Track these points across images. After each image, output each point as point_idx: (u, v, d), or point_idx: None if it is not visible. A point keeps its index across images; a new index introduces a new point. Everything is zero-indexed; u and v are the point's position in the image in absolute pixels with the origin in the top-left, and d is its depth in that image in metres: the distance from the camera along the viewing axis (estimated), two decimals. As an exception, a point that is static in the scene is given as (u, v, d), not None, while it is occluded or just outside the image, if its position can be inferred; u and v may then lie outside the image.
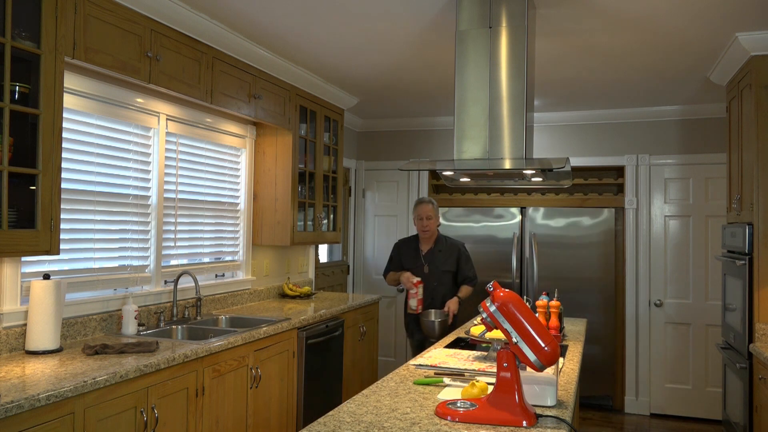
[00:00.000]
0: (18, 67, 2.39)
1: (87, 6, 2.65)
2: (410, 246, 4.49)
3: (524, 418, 1.77)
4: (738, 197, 3.86)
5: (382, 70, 4.42)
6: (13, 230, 2.33)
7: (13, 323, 2.69)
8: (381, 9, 3.22)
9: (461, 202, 5.96)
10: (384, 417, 1.84)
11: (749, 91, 3.58)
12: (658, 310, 5.43)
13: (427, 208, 4.35)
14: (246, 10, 3.29)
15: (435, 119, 6.11)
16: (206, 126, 3.98)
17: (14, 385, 2.15)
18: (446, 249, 4.40)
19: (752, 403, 3.46)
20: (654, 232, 5.47)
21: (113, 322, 3.22)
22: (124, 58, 2.88)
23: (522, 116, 2.87)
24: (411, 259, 4.43)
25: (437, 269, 4.35)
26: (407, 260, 4.44)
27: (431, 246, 4.41)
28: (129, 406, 2.47)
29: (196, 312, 3.73)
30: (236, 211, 4.40)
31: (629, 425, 5.18)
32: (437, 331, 4.08)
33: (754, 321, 3.50)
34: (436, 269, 4.35)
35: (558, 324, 3.02)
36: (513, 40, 2.89)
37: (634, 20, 3.30)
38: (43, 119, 2.44)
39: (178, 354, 2.73)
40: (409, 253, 4.46)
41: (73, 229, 3.04)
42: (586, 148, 5.70)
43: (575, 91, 4.89)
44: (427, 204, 4.38)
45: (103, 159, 3.20)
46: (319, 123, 4.84)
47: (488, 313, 1.88)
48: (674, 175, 5.44)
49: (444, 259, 4.37)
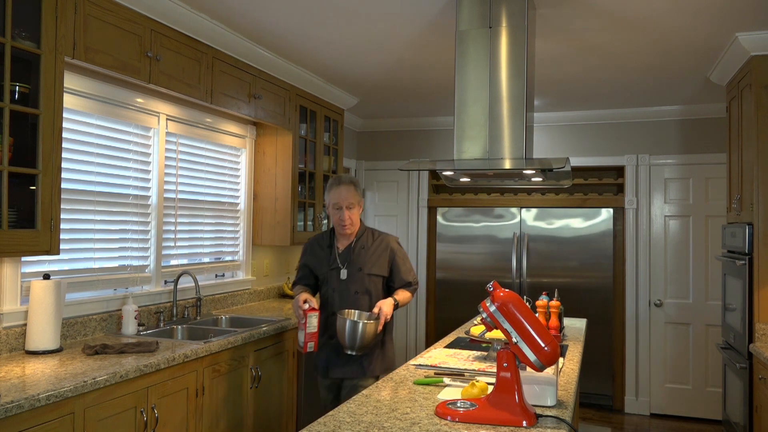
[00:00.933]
0: (18, 67, 2.39)
1: (87, 6, 2.65)
2: (322, 244, 3.16)
3: (524, 418, 1.77)
4: (738, 197, 3.86)
5: (382, 70, 4.42)
6: (13, 230, 2.33)
7: (13, 323, 2.69)
8: (381, 9, 3.22)
9: (461, 202, 5.96)
10: (384, 417, 1.84)
11: (749, 91, 3.58)
12: (658, 310, 5.43)
13: (348, 192, 3.00)
14: (246, 10, 3.29)
15: (435, 119, 6.10)
16: (206, 126, 3.98)
17: (14, 385, 2.15)
18: (374, 246, 3.09)
19: (752, 403, 3.46)
20: (654, 232, 5.47)
21: (113, 322, 3.22)
22: (124, 58, 2.88)
23: (522, 116, 2.87)
24: (322, 261, 3.11)
25: (360, 273, 3.03)
26: (317, 263, 3.12)
27: (351, 242, 3.09)
28: (129, 406, 2.47)
29: (196, 312, 3.73)
30: (236, 211, 4.40)
31: (629, 425, 5.17)
32: (360, 339, 2.80)
33: (754, 321, 3.50)
34: (358, 272, 3.03)
35: (558, 324, 3.02)
36: (513, 40, 2.89)
37: (634, 20, 3.30)
38: (43, 119, 2.44)
39: (178, 354, 2.73)
40: (319, 253, 3.14)
41: (73, 229, 3.04)
42: (586, 148, 5.70)
43: (575, 91, 4.89)
44: (347, 186, 3.02)
45: (103, 159, 3.20)
46: (319, 123, 4.84)
47: (488, 313, 1.88)
48: (674, 175, 5.44)
49: (371, 259, 3.06)
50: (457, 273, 5.91)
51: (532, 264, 5.66)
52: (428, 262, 6.11)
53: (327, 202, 3.06)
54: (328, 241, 3.14)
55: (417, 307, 6.12)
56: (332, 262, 3.08)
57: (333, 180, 3.08)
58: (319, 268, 3.12)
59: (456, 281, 5.91)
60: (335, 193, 3.01)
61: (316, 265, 3.13)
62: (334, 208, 3.01)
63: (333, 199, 3.01)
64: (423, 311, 6.10)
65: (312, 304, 2.88)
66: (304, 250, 3.22)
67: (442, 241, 5.98)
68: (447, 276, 5.96)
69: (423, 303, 6.11)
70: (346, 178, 3.07)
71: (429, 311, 6.11)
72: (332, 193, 3.02)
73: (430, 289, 6.10)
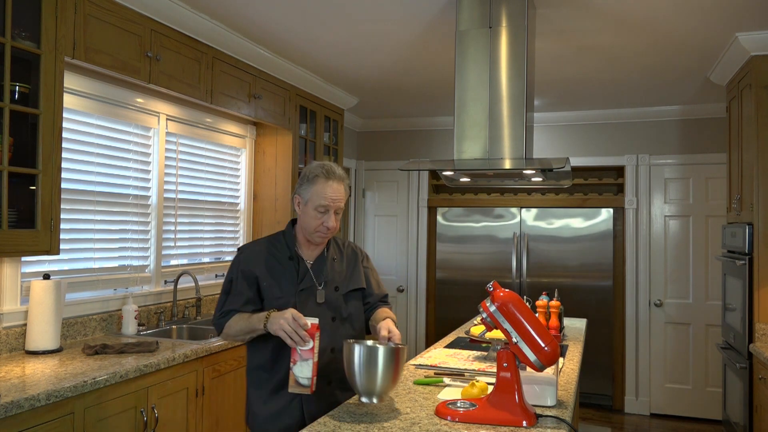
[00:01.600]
0: (18, 67, 2.39)
1: (87, 6, 2.65)
2: (277, 254, 2.20)
3: (524, 418, 1.77)
4: (738, 197, 3.86)
5: (382, 70, 4.42)
6: (13, 230, 2.33)
7: (13, 323, 2.69)
8: (381, 9, 3.22)
9: (461, 202, 5.96)
10: (384, 417, 1.84)
11: (749, 91, 3.58)
12: (658, 310, 5.43)
13: (341, 189, 2.16)
14: (246, 10, 3.29)
15: (435, 119, 6.10)
16: (206, 126, 3.98)
17: (14, 385, 2.15)
18: (344, 254, 2.32)
19: (752, 403, 3.46)
20: (654, 232, 5.47)
21: (113, 322, 3.22)
22: (124, 58, 2.88)
23: (522, 116, 2.87)
24: (284, 277, 2.17)
25: (335, 293, 2.22)
26: (275, 282, 2.15)
27: (322, 251, 2.25)
28: (129, 406, 2.47)
29: (196, 312, 3.73)
30: (236, 211, 4.40)
31: (629, 425, 5.17)
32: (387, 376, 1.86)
33: (754, 321, 3.50)
34: (334, 293, 2.22)
35: (558, 324, 3.02)
36: (513, 40, 2.89)
37: (634, 20, 3.30)
38: (43, 119, 2.44)
39: (178, 354, 2.73)
40: (276, 268, 2.17)
41: (73, 229, 3.04)
42: (586, 148, 5.70)
43: (575, 91, 4.89)
44: (339, 182, 2.16)
45: (103, 159, 3.20)
46: (319, 123, 4.84)
47: (488, 313, 1.88)
48: (674, 175, 5.44)
49: (346, 274, 2.27)
50: (457, 273, 5.91)
51: (532, 264, 5.66)
52: (428, 262, 6.11)
53: (305, 197, 2.14)
54: (287, 250, 2.19)
55: (417, 307, 6.12)
56: (302, 280, 2.16)
57: (318, 169, 2.15)
58: (277, 288, 2.13)
59: (456, 281, 5.91)
60: (325, 188, 2.12)
61: (271, 284, 2.13)
62: (316, 208, 2.12)
63: (319, 196, 2.12)
64: (423, 311, 6.10)
65: (314, 321, 1.96)
66: (244, 261, 2.16)
67: (442, 241, 5.98)
68: (447, 276, 5.96)
69: (423, 303, 6.11)
70: (337, 169, 2.17)
71: (429, 311, 6.11)
72: (318, 188, 2.12)
73: (430, 289, 6.10)
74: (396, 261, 6.20)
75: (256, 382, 2.16)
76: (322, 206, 2.12)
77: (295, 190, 2.21)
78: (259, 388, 2.14)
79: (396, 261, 6.20)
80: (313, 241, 2.20)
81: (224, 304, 2.15)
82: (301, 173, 2.22)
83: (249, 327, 2.05)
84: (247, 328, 2.06)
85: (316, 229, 2.15)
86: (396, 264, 6.20)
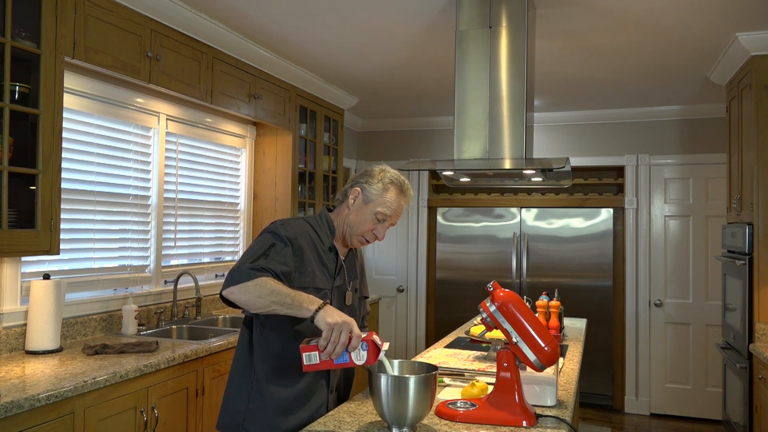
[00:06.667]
0: (18, 67, 2.39)
1: (87, 6, 2.65)
2: (320, 240, 2.03)
3: (524, 418, 1.77)
4: (738, 197, 3.86)
5: (382, 70, 4.42)
6: (13, 230, 2.33)
7: (13, 323, 2.69)
8: (381, 9, 3.22)
9: (461, 202, 5.96)
10: (384, 417, 1.84)
11: (749, 91, 3.58)
12: (658, 310, 5.43)
13: (403, 208, 2.09)
14: (246, 10, 3.29)
15: (435, 119, 6.10)
16: (206, 126, 3.98)
17: (14, 385, 2.15)
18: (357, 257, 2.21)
19: (752, 403, 3.46)
20: (654, 232, 5.47)
21: (113, 322, 3.22)
22: (124, 58, 2.88)
23: (522, 116, 2.87)
24: (324, 267, 2.01)
25: (355, 295, 2.14)
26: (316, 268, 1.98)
27: (349, 249, 2.14)
28: (129, 406, 2.47)
29: (196, 312, 3.73)
30: (236, 211, 4.40)
31: (629, 425, 5.17)
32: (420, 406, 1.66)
33: (754, 321, 3.50)
34: (354, 295, 2.14)
35: (558, 324, 3.02)
36: (513, 40, 2.89)
37: (634, 20, 3.30)
38: (43, 119, 2.44)
39: (178, 354, 2.73)
40: (316, 256, 2.00)
41: (73, 229, 3.04)
42: (586, 148, 5.70)
43: (575, 91, 4.89)
44: (407, 203, 2.10)
45: (103, 159, 3.20)
46: (319, 123, 4.84)
47: (488, 313, 1.88)
48: (674, 175, 5.44)
49: (360, 276, 2.20)
50: (457, 273, 5.91)
51: (532, 264, 5.66)
52: (428, 262, 6.11)
53: (369, 196, 2.01)
54: (329, 241, 2.04)
55: (417, 307, 6.12)
56: (337, 275, 2.03)
57: (397, 180, 2.06)
58: (314, 275, 1.95)
59: (456, 281, 5.91)
60: (396, 200, 2.03)
61: (312, 269, 1.95)
62: (377, 213, 2.00)
63: (386, 205, 2.01)
64: (423, 311, 6.10)
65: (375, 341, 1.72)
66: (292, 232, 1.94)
67: (442, 241, 5.98)
68: (447, 276, 5.96)
69: (423, 303, 6.11)
70: (411, 190, 2.10)
71: (429, 311, 6.11)
72: (390, 196, 2.02)
73: (430, 289, 6.10)
74: (396, 261, 6.20)
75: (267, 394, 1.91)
76: (384, 215, 2.01)
77: (356, 181, 2.04)
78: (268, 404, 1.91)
79: (396, 261, 6.20)
80: (350, 242, 2.06)
81: (258, 259, 1.83)
82: (370, 170, 2.07)
83: (292, 299, 1.73)
84: (287, 298, 1.73)
85: (363, 233, 2.02)
86: (396, 264, 6.20)
